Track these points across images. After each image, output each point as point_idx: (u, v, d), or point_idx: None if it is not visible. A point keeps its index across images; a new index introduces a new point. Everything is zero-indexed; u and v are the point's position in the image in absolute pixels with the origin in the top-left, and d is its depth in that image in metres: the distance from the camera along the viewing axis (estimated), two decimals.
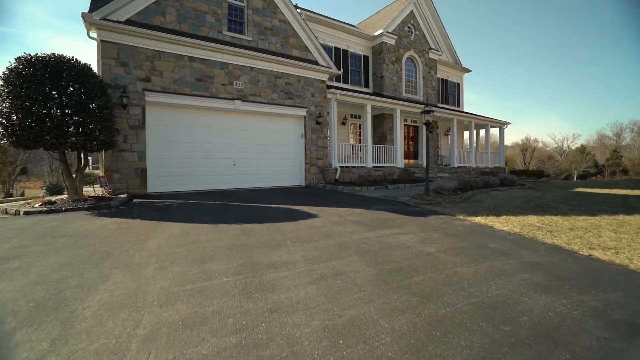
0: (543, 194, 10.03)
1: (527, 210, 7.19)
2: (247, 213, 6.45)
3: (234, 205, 7.26)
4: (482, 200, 8.60)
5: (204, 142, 10.08)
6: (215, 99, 9.98)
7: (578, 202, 8.46)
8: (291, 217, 6.11)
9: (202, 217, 6.01)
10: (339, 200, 8.33)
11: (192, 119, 9.89)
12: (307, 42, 12.00)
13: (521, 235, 5.05)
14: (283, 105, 11.36)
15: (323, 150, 12.24)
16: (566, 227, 5.63)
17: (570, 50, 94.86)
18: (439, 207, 7.40)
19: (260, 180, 11.11)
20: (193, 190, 9.67)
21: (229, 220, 5.66)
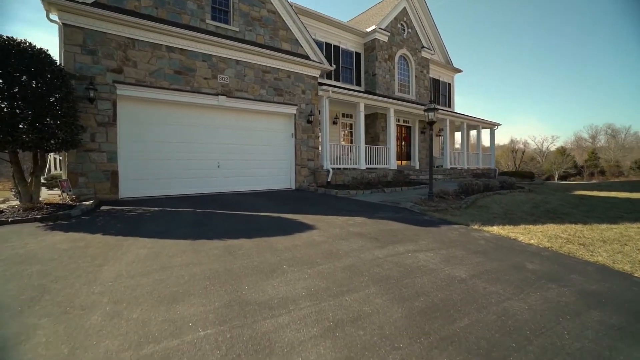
0: (546, 198, 9.46)
1: (541, 217, 6.51)
2: (232, 224, 5.49)
3: (217, 214, 6.28)
4: (488, 205, 7.91)
5: (185, 141, 9.01)
6: (198, 94, 8.94)
7: (588, 207, 7.88)
8: (285, 229, 5.20)
9: (179, 229, 5.02)
10: (336, 206, 7.46)
11: (171, 116, 8.80)
12: (297, 35, 11.08)
13: (555, 252, 4.30)
14: (272, 102, 10.39)
15: (314, 150, 11.34)
16: (596, 239, 4.94)
17: (548, 53, 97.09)
18: (447, 214, 6.63)
19: (247, 183, 10.11)
20: (172, 195, 8.61)
21: (212, 234, 4.70)
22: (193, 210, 6.65)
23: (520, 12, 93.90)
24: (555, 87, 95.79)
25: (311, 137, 11.27)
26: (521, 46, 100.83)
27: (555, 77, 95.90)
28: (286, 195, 9.22)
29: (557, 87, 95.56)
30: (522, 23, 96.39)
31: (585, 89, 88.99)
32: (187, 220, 5.70)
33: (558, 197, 9.72)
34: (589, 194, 10.86)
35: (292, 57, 10.67)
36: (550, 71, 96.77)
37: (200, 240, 4.40)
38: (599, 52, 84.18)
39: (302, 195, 9.22)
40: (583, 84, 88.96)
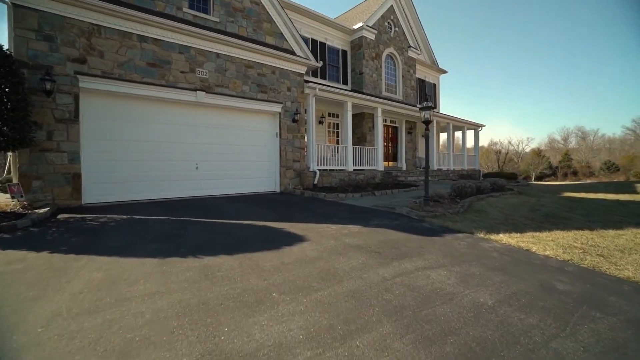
0: (539, 201, 9.17)
1: (544, 223, 6.10)
2: (211, 235, 4.75)
3: (194, 223, 5.50)
4: (485, 209, 7.47)
5: (159, 140, 8.14)
6: (174, 89, 8.08)
7: (585, 211, 7.59)
8: (272, 241, 4.50)
9: (147, 243, 4.24)
10: (326, 212, 6.82)
11: (143, 113, 7.91)
12: (282, 28, 10.37)
13: (578, 266, 3.81)
14: (255, 99, 9.63)
15: (300, 151, 10.66)
16: (611, 248, 4.52)
17: (523, 58, 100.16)
18: (447, 220, 6.12)
19: (228, 187, 9.32)
20: (145, 200, 7.72)
21: (186, 250, 3.95)
22: (167, 218, 5.85)
23: (495, 18, 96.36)
24: (530, 90, 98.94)
25: (297, 137, 10.58)
26: (498, 51, 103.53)
27: (530, 81, 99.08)
28: (271, 200, 8.50)
29: (532, 90, 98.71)
30: (498, 28, 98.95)
31: (557, 95, 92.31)
32: (159, 231, 4.91)
33: (550, 200, 9.46)
34: (578, 196, 10.71)
35: (277, 51, 9.94)
36: (526, 75, 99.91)
37: (172, 258, 3.65)
38: (571, 58, 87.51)
39: (288, 200, 8.53)
40: (555, 90, 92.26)
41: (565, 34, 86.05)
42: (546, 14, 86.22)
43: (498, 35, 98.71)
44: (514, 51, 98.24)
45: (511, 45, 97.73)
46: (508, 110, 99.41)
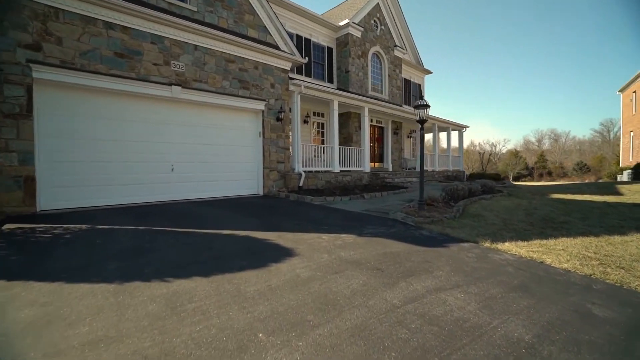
0: (531, 203, 8.90)
1: (545, 228, 5.72)
2: (184, 250, 4.04)
3: (165, 234, 4.77)
4: (481, 213, 7.07)
5: (129, 139, 7.29)
6: (145, 83, 7.26)
7: (581, 214, 7.32)
8: (256, 256, 3.85)
9: (104, 263, 3.50)
10: (314, 218, 6.22)
11: (110, 108, 7.04)
12: (266, 21, 9.69)
13: (605, 282, 3.34)
14: (236, 96, 8.91)
15: (285, 152, 10.01)
16: (626, 258, 4.09)
17: (501, 61, 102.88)
18: (446, 226, 5.63)
19: (207, 190, 8.55)
20: (111, 206, 6.87)
21: (151, 271, 3.24)
22: (134, 228, 5.08)
23: (479, 20, 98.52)
24: (507, 94, 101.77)
25: (281, 137, 9.92)
26: (477, 53, 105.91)
27: (506, 84, 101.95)
28: (254, 204, 7.82)
29: (509, 94, 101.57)
30: (481, 31, 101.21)
31: (530, 98, 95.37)
32: (122, 244, 4.17)
33: (542, 202, 9.22)
34: (567, 198, 10.56)
35: (260, 45, 9.26)
36: (502, 78, 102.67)
37: (133, 282, 2.96)
38: (543, 61, 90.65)
39: (273, 204, 7.88)
40: (532, 91, 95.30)
41: (542, 36, 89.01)
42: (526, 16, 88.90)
43: (477, 36, 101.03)
44: (493, 52, 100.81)
45: (490, 47, 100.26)
46: (486, 111, 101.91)
